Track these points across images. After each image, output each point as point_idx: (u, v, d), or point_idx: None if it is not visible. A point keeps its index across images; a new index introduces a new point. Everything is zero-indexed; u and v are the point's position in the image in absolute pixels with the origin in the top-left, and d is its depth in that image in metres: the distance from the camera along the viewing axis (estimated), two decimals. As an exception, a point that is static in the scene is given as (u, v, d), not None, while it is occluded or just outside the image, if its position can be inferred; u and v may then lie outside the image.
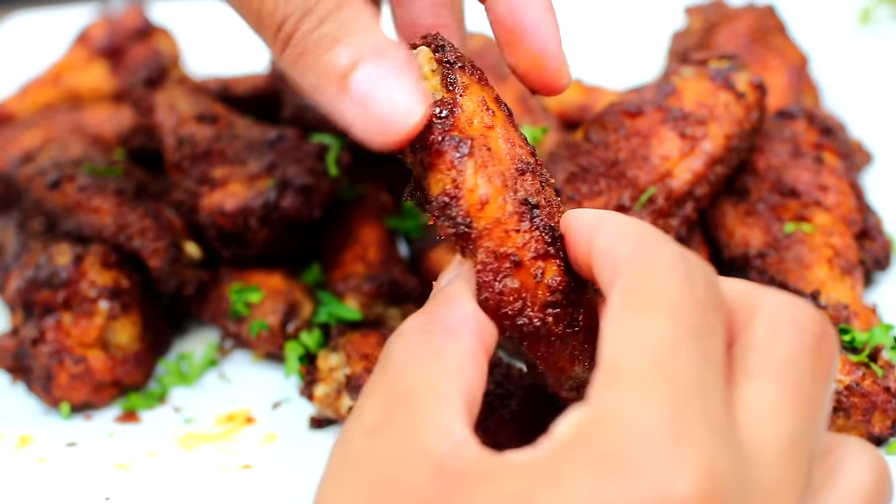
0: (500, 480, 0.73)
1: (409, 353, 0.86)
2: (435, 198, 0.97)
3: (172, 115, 1.61)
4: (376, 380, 0.86)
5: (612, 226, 0.89)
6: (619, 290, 0.80)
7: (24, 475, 1.33)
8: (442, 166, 0.96)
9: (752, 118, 1.43)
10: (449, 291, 0.94)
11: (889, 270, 1.50)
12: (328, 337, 1.48)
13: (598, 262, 0.88)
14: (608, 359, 0.75)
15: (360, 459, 0.78)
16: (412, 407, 0.80)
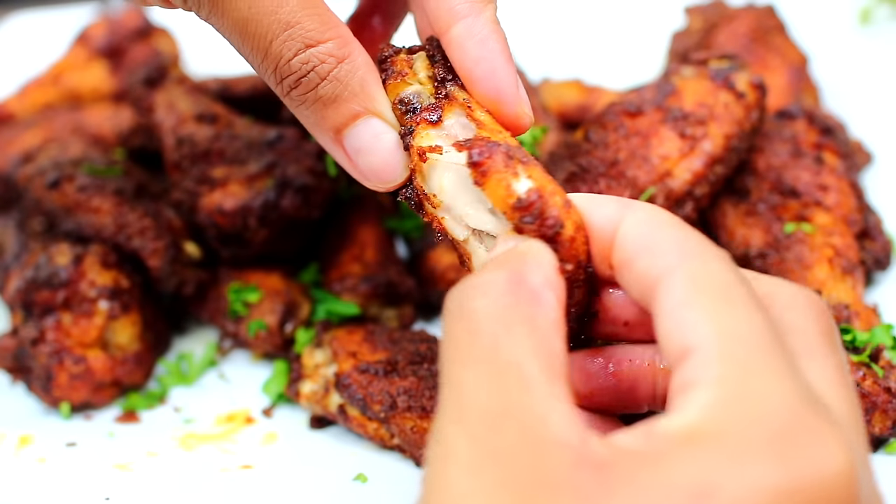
0: (665, 466, 0.73)
1: (500, 319, 0.82)
2: (513, 201, 0.94)
3: (172, 114, 1.61)
4: (466, 346, 0.81)
5: (643, 215, 0.91)
6: (684, 280, 0.82)
7: (24, 475, 1.34)
8: (495, 174, 0.95)
9: (752, 118, 1.43)
10: (525, 250, 0.90)
11: (889, 270, 1.50)
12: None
13: (633, 249, 0.89)
14: (710, 344, 0.78)
15: (493, 450, 0.74)
16: (527, 387, 0.78)
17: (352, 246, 1.56)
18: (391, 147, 1.10)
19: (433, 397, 1.30)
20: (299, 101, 1.11)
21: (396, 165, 1.10)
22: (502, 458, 0.73)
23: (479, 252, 1.06)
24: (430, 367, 1.33)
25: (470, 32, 1.11)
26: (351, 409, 1.34)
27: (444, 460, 0.76)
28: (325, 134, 1.13)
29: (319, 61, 1.08)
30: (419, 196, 1.09)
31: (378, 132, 1.10)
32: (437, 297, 1.55)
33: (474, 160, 0.95)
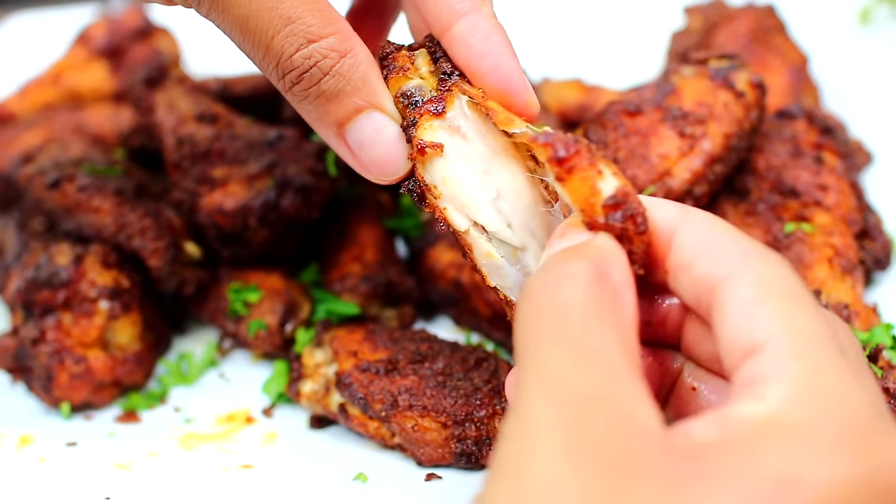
0: (749, 453, 0.76)
1: (590, 308, 0.83)
2: (601, 199, 0.94)
3: (172, 114, 1.61)
4: (557, 330, 0.82)
5: (702, 219, 0.94)
6: (753, 281, 0.86)
7: (24, 475, 1.34)
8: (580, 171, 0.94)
9: (751, 117, 1.43)
10: (604, 246, 0.91)
11: (889, 270, 1.50)
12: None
13: (693, 252, 0.91)
14: (782, 341, 0.82)
15: (586, 433, 0.75)
16: (616, 376, 0.80)
17: (352, 246, 1.56)
18: (393, 140, 1.12)
19: (434, 396, 1.30)
20: (302, 96, 1.12)
21: (399, 158, 1.12)
22: (595, 442, 0.75)
23: (480, 243, 1.07)
24: (432, 365, 1.34)
25: (473, 29, 1.13)
26: (352, 409, 1.34)
27: (532, 438, 0.76)
28: (328, 129, 1.14)
29: (322, 56, 1.09)
30: (421, 188, 1.10)
31: (380, 125, 1.12)
32: (437, 297, 1.55)
33: (559, 156, 0.94)
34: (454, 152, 1.08)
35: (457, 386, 1.31)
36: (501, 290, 1.08)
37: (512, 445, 0.77)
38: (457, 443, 1.27)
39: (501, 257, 1.07)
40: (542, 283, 0.88)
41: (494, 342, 1.50)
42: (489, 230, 1.07)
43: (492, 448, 1.27)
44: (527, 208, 1.08)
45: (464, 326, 1.55)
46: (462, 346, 1.40)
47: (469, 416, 1.28)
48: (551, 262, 0.91)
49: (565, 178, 0.94)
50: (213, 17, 1.11)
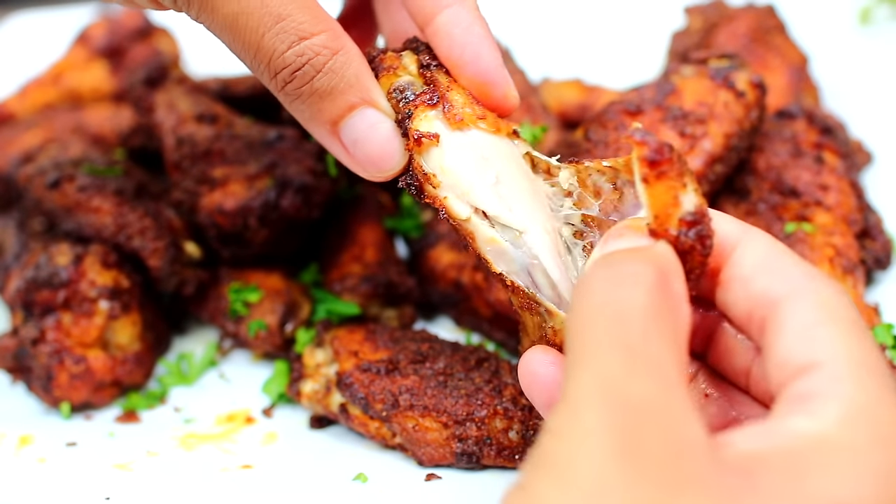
0: (803, 473, 0.77)
1: (651, 315, 0.83)
2: (679, 213, 0.93)
3: (172, 114, 1.61)
4: (615, 330, 0.82)
5: (764, 239, 0.94)
6: (816, 303, 0.87)
7: (24, 475, 1.33)
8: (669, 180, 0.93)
9: (751, 117, 1.43)
10: (666, 256, 0.91)
11: (890, 270, 1.50)
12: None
13: (753, 268, 0.92)
14: (840, 363, 0.83)
15: (638, 440, 0.75)
16: (670, 386, 0.79)
17: (352, 246, 1.56)
18: (388, 135, 1.11)
19: (435, 396, 1.30)
20: (294, 95, 1.11)
21: (394, 153, 1.12)
22: (647, 452, 0.74)
23: (483, 229, 1.08)
24: (432, 365, 1.33)
25: (455, 20, 1.14)
26: (352, 408, 1.34)
27: (584, 440, 0.75)
28: (322, 127, 1.14)
29: (314, 53, 1.08)
30: (419, 180, 1.10)
31: (374, 122, 1.12)
32: (438, 297, 1.55)
33: (653, 158, 0.92)
34: (451, 141, 1.09)
35: (458, 386, 1.31)
36: (508, 275, 1.09)
37: (561, 444, 0.76)
38: (457, 443, 1.27)
39: (506, 241, 1.08)
40: (603, 279, 0.87)
41: (495, 342, 1.50)
42: (491, 215, 1.08)
43: (492, 448, 1.27)
44: (526, 192, 1.09)
45: (464, 327, 1.55)
46: (463, 346, 1.40)
47: (470, 415, 1.28)
48: (613, 260, 0.90)
49: (652, 181, 0.92)
50: (202, 18, 1.10)
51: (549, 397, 1.01)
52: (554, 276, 1.07)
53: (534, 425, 1.27)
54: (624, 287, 0.85)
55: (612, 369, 0.79)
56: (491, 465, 1.29)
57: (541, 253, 1.08)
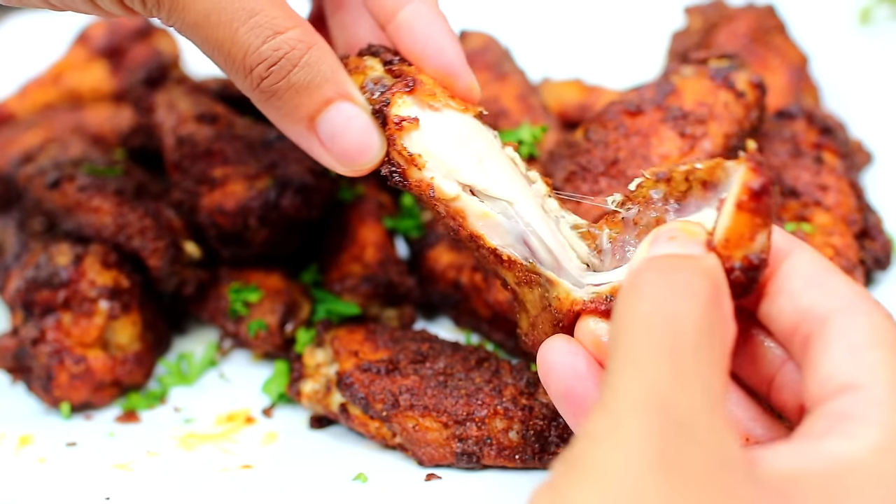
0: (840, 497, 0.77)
1: (704, 327, 0.83)
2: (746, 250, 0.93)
3: (172, 114, 1.61)
4: (667, 340, 0.81)
5: (813, 254, 0.95)
6: (867, 325, 0.87)
7: (24, 475, 1.33)
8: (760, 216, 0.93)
9: (751, 117, 1.43)
10: (718, 273, 0.90)
11: (889, 270, 1.50)
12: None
13: (803, 282, 0.92)
14: (884, 388, 0.83)
15: (678, 454, 0.74)
16: (714, 403, 0.79)
17: (352, 246, 1.56)
18: (365, 128, 1.12)
19: (435, 396, 1.30)
20: (270, 92, 1.11)
21: (371, 146, 1.12)
22: (687, 468, 0.74)
23: (473, 205, 1.09)
24: (433, 365, 1.33)
25: (416, 15, 1.16)
26: (353, 408, 1.34)
27: (624, 448, 0.74)
28: (299, 124, 1.13)
29: (290, 48, 1.08)
30: (402, 166, 1.11)
31: (350, 115, 1.12)
32: (437, 297, 1.55)
33: (757, 190, 0.91)
34: (430, 124, 1.11)
35: (458, 386, 1.31)
36: (503, 249, 1.10)
37: (599, 448, 0.75)
38: (458, 442, 1.27)
39: (498, 213, 1.09)
40: (657, 284, 0.86)
41: (494, 343, 1.50)
42: (479, 190, 1.10)
43: (493, 448, 1.27)
44: (506, 168, 1.12)
45: (464, 327, 1.55)
46: (463, 346, 1.40)
47: (470, 415, 1.28)
48: (668, 266, 0.89)
49: (743, 209, 0.91)
50: (173, 19, 1.09)
51: (567, 388, 1.01)
52: (549, 243, 1.09)
53: (534, 425, 1.27)
54: (679, 296, 0.84)
55: (659, 380, 0.78)
56: (491, 465, 1.29)
57: (533, 220, 1.10)
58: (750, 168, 0.91)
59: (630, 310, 0.85)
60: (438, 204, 1.10)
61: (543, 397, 1.29)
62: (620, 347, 0.82)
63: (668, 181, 1.02)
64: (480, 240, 1.10)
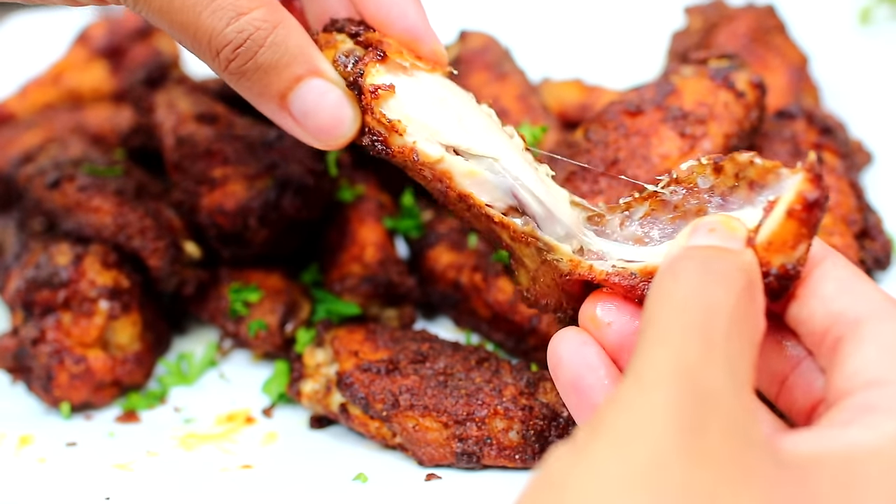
0: (862, 482, 0.79)
1: (737, 315, 0.85)
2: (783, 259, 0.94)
3: (172, 114, 1.61)
4: (700, 323, 0.83)
5: (844, 261, 0.97)
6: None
7: (24, 475, 1.33)
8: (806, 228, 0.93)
9: (751, 117, 1.43)
10: (755, 268, 0.92)
11: (889, 270, 1.50)
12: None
13: (836, 287, 0.94)
14: None
15: (702, 428, 0.75)
16: (741, 386, 0.81)
17: (352, 246, 1.56)
18: (338, 102, 1.12)
19: (435, 396, 1.30)
20: (239, 73, 1.11)
21: (345, 119, 1.12)
22: (709, 438, 0.75)
23: (459, 164, 1.10)
24: (433, 365, 1.34)
25: None
26: (353, 408, 1.34)
27: (650, 415, 0.76)
28: (270, 102, 1.13)
29: (255, 28, 1.08)
30: (384, 134, 1.11)
31: (322, 91, 1.12)
32: (437, 297, 1.55)
33: (811, 201, 0.92)
34: (406, 90, 1.12)
35: (458, 386, 1.31)
36: (494, 205, 1.10)
37: (625, 413, 0.77)
38: (458, 442, 1.28)
39: (484, 170, 1.10)
40: (695, 271, 0.88)
41: (494, 343, 1.50)
42: (463, 149, 1.11)
43: (493, 448, 1.27)
44: (486, 125, 1.13)
45: (463, 327, 1.55)
46: (463, 346, 1.40)
47: (470, 415, 1.28)
48: (707, 256, 0.91)
49: (794, 216, 0.92)
50: (139, 6, 1.09)
51: (576, 377, 1.01)
52: (539, 193, 1.10)
53: (534, 425, 1.27)
54: (715, 285, 0.86)
55: (690, 355, 0.80)
56: (491, 465, 1.29)
57: (520, 173, 1.10)
58: (808, 179, 0.92)
59: (666, 293, 0.87)
60: (424, 168, 1.11)
61: (543, 397, 1.29)
62: (654, 326, 0.84)
63: (720, 171, 1.02)
64: (470, 199, 1.10)
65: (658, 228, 1.07)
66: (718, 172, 1.03)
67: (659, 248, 1.05)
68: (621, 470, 0.72)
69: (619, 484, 0.71)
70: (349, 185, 1.63)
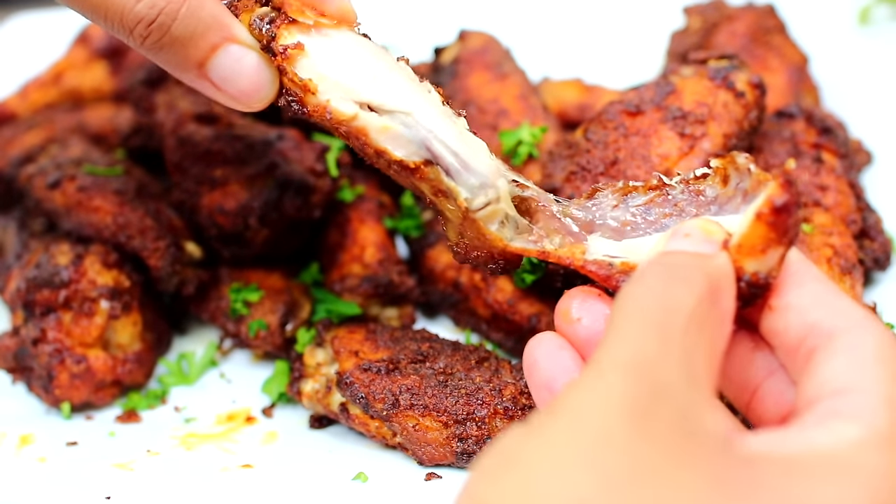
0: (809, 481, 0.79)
1: (696, 318, 0.87)
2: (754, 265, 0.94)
3: (172, 114, 1.61)
4: (659, 319, 0.85)
5: (820, 273, 0.97)
6: (875, 344, 0.90)
7: (24, 475, 1.34)
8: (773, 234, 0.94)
9: (751, 117, 1.43)
10: (725, 274, 0.93)
11: (889, 270, 1.50)
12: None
13: (812, 300, 0.95)
14: (877, 398, 0.85)
15: (651, 413, 0.77)
16: (695, 380, 0.83)
17: (352, 246, 1.57)
18: (255, 66, 1.14)
19: (435, 395, 1.30)
20: (156, 48, 1.12)
21: (264, 81, 1.14)
22: (659, 421, 0.77)
23: (373, 120, 1.10)
24: (433, 365, 1.34)
25: None
26: (353, 408, 1.34)
27: (601, 394, 0.78)
28: (189, 72, 1.15)
29: (165, 2, 1.09)
30: (299, 94, 1.12)
31: (239, 56, 1.13)
32: (437, 297, 1.55)
33: (779, 205, 0.92)
34: (318, 49, 1.12)
35: (458, 385, 1.31)
36: (407, 159, 1.11)
37: (580, 396, 0.79)
38: (458, 442, 1.28)
39: (398, 125, 1.10)
40: (658, 275, 0.90)
41: (494, 343, 1.50)
42: (376, 105, 1.11)
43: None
44: (403, 80, 1.13)
45: (464, 327, 1.55)
46: (463, 345, 1.40)
47: (470, 415, 1.28)
48: (672, 261, 0.93)
49: (762, 221, 0.93)
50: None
51: (549, 378, 1.03)
52: (453, 145, 1.11)
53: (533, 425, 1.27)
54: (677, 287, 0.88)
55: (647, 348, 0.82)
56: (491, 464, 1.29)
57: (434, 126, 1.11)
58: (779, 184, 0.93)
59: (630, 295, 0.89)
60: (339, 126, 1.12)
61: (543, 397, 1.29)
62: (615, 324, 0.86)
63: (727, 182, 1.03)
64: (385, 154, 1.11)
65: (648, 219, 1.08)
66: (725, 183, 1.04)
67: (641, 241, 1.07)
68: (570, 446, 0.74)
69: (568, 458, 0.73)
70: (349, 185, 1.63)
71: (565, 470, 0.72)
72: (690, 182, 1.06)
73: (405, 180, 1.16)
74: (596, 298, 1.04)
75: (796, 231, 0.94)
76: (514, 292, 1.47)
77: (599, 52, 2.08)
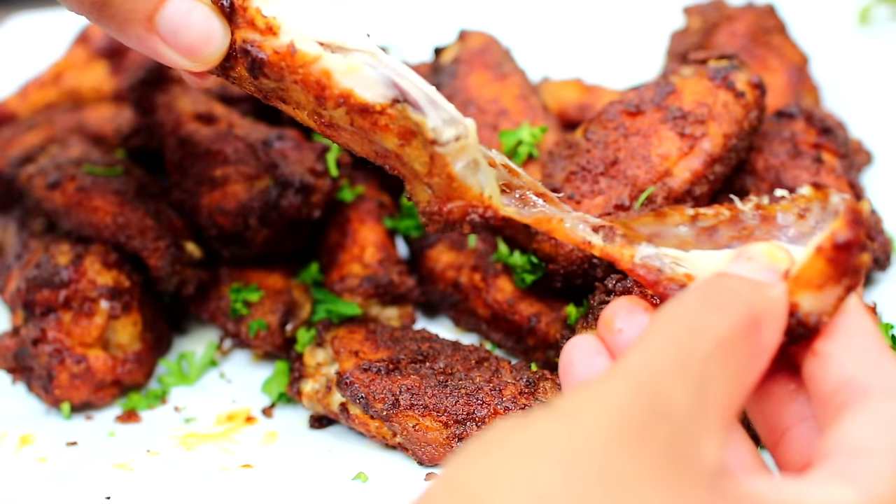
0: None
1: (723, 346, 0.84)
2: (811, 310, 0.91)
3: (172, 114, 1.61)
4: (685, 341, 0.83)
5: (871, 327, 0.93)
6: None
7: (24, 475, 1.34)
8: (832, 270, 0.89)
9: (751, 118, 1.43)
10: (774, 306, 0.90)
11: (889, 270, 1.50)
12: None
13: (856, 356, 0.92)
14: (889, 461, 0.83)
15: (648, 434, 0.76)
16: (704, 411, 0.80)
17: (352, 246, 1.57)
18: (205, 16, 1.10)
19: (435, 395, 1.30)
20: (100, 3, 1.10)
21: (215, 33, 1.10)
22: (652, 439, 0.75)
23: (337, 61, 1.06)
24: (433, 365, 1.34)
25: None
26: (353, 408, 1.34)
27: (601, 403, 0.77)
28: (138, 27, 1.12)
29: None
30: (258, 41, 1.07)
31: (187, 7, 1.10)
32: (437, 297, 1.55)
33: (840, 240, 0.88)
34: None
35: (458, 385, 1.31)
36: (373, 101, 1.06)
37: (581, 398, 0.78)
38: (458, 442, 1.28)
39: (364, 65, 1.06)
40: (699, 298, 0.88)
41: (494, 343, 1.50)
42: (340, 44, 1.07)
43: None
44: (359, 25, 1.09)
45: (464, 327, 1.55)
46: (463, 345, 1.40)
47: (470, 415, 1.28)
48: (718, 285, 0.90)
49: (822, 255, 0.89)
50: None
51: (581, 382, 1.01)
52: (419, 83, 1.07)
53: (533, 425, 1.27)
54: (710, 313, 0.86)
55: (661, 365, 0.80)
56: (491, 464, 1.29)
57: (400, 65, 1.07)
58: (845, 220, 0.89)
59: (665, 311, 0.87)
60: (300, 70, 1.06)
61: (543, 397, 1.30)
62: (643, 335, 0.85)
63: (804, 216, 0.99)
64: (350, 97, 1.06)
65: (714, 240, 1.03)
66: (803, 216, 0.99)
67: (708, 254, 1.02)
68: (551, 440, 0.73)
69: (544, 452, 0.72)
70: (349, 185, 1.63)
71: (537, 462, 0.72)
72: (761, 207, 1.02)
73: (363, 144, 1.11)
74: (641, 311, 1.02)
75: (858, 273, 0.90)
76: (514, 292, 1.47)
77: (599, 52, 2.08)
